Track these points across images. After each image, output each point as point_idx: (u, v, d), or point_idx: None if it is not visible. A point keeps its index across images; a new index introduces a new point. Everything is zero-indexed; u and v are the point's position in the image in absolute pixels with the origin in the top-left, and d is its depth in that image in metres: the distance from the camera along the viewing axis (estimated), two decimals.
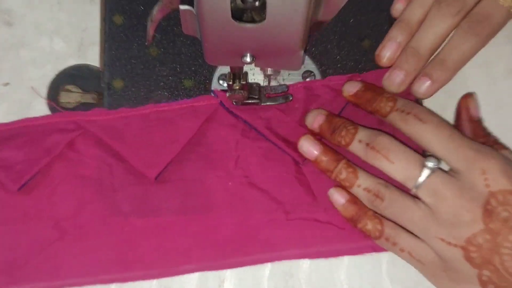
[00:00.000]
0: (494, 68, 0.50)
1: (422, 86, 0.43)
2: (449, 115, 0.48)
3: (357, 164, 0.43)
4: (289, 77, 0.48)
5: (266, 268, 0.44)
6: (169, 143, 0.45)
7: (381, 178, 0.42)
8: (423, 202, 0.40)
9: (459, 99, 0.45)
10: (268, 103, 0.47)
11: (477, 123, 0.44)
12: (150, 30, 0.39)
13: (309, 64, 0.48)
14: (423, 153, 0.43)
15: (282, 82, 0.48)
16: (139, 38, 0.48)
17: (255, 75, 0.48)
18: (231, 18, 0.32)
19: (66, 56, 0.49)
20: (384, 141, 0.41)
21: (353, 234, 0.43)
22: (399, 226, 0.42)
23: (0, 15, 0.49)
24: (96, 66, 0.48)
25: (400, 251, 0.41)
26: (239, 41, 0.35)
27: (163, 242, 0.43)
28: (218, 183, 0.45)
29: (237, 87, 0.43)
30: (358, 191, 0.42)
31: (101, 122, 0.45)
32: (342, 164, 0.43)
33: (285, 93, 0.47)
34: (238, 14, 0.33)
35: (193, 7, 0.34)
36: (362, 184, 0.42)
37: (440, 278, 0.40)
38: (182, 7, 0.34)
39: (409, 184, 0.40)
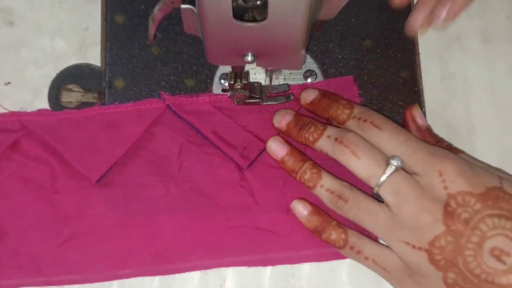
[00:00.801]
0: (496, 67, 0.50)
1: (443, 10, 0.42)
2: (450, 115, 0.49)
3: (325, 168, 0.43)
4: (291, 76, 0.48)
5: (268, 268, 0.44)
6: (112, 146, 0.44)
7: (345, 181, 0.42)
8: (386, 204, 0.39)
9: (404, 112, 0.46)
10: (269, 103, 0.47)
11: (427, 131, 0.45)
12: (152, 29, 0.39)
13: (310, 64, 0.48)
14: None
15: (283, 82, 0.48)
16: (141, 38, 0.48)
17: (257, 75, 0.48)
18: (232, 17, 0.32)
19: (67, 56, 0.49)
20: (353, 137, 0.41)
21: (294, 242, 0.43)
22: (363, 235, 0.42)
23: (1, 15, 0.49)
24: (97, 66, 0.48)
25: (365, 260, 0.41)
26: (241, 41, 0.35)
27: (104, 246, 0.43)
28: (161, 188, 0.44)
29: (239, 87, 0.43)
30: (321, 191, 0.42)
31: (45, 123, 0.45)
32: (307, 165, 0.43)
33: (286, 92, 0.47)
34: (239, 13, 0.33)
35: (194, 6, 0.34)
36: (325, 184, 0.42)
37: (406, 284, 0.40)
38: (183, 6, 0.34)
39: (372, 182, 0.39)
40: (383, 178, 0.39)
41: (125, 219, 0.44)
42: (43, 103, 0.47)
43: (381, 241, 0.42)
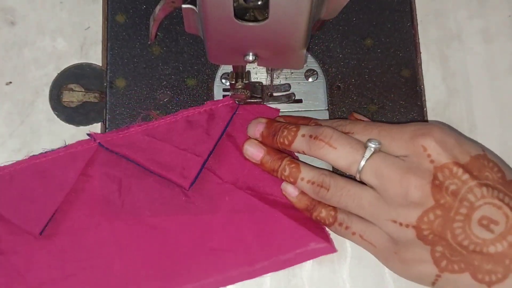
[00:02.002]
0: (497, 66, 0.50)
1: None
2: (451, 114, 0.49)
3: None
4: (292, 76, 0.48)
5: None
6: (49, 195, 0.43)
7: (326, 169, 0.42)
8: (370, 187, 0.39)
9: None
10: (270, 102, 0.47)
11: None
12: (153, 29, 0.39)
13: (311, 63, 0.48)
14: None
15: (284, 81, 0.48)
16: (142, 37, 0.48)
17: (258, 74, 0.48)
18: (233, 17, 0.32)
19: (68, 56, 0.49)
20: (327, 130, 0.40)
21: (251, 256, 0.43)
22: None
23: (2, 15, 0.49)
24: (98, 65, 0.49)
25: (352, 235, 0.41)
26: (242, 40, 0.35)
27: None
28: (106, 229, 0.43)
29: (240, 86, 0.43)
30: (302, 184, 0.42)
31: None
32: (285, 162, 0.43)
33: (287, 92, 0.47)
34: (240, 13, 0.33)
35: (195, 5, 0.34)
36: (306, 176, 0.42)
37: (392, 261, 0.40)
38: (184, 5, 0.34)
39: (353, 169, 0.39)
40: (363, 162, 0.39)
41: (75, 267, 0.43)
42: (44, 103, 0.48)
43: None
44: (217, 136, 0.45)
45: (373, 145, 0.39)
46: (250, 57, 0.36)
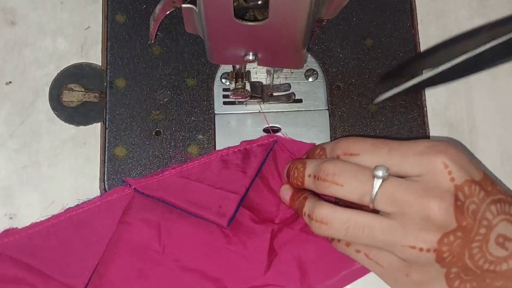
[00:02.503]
0: (497, 67, 0.50)
1: None
2: (452, 114, 0.49)
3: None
4: (292, 76, 0.48)
5: None
6: (89, 247, 0.43)
7: (325, 200, 0.40)
8: (384, 214, 0.37)
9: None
10: (270, 102, 0.47)
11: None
12: (153, 28, 0.39)
13: (312, 63, 0.48)
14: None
15: (284, 81, 0.48)
16: (142, 37, 0.48)
17: (258, 74, 0.48)
18: (233, 17, 0.32)
19: (69, 56, 0.49)
20: (329, 167, 0.38)
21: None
22: None
23: (3, 15, 0.49)
24: (98, 65, 0.49)
25: (356, 252, 0.39)
26: (242, 40, 0.35)
27: None
28: (149, 276, 0.43)
29: (240, 86, 0.43)
30: (306, 219, 0.40)
31: (14, 243, 0.43)
32: (310, 200, 0.40)
33: (287, 91, 0.47)
34: (240, 13, 0.33)
35: (195, 5, 0.34)
36: (306, 211, 0.40)
37: (402, 283, 0.38)
38: (184, 5, 0.34)
39: (366, 200, 0.37)
40: (374, 192, 0.36)
41: None
42: (45, 103, 0.48)
43: None
44: (253, 174, 0.44)
45: (381, 173, 0.36)
46: (250, 57, 0.36)
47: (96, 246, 0.43)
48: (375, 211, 0.38)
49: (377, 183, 0.36)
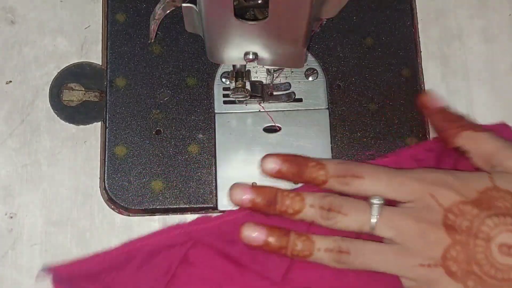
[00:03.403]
0: (497, 65, 0.50)
1: None
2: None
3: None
4: (292, 75, 0.48)
5: None
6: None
7: (335, 235, 0.41)
8: (388, 240, 0.40)
9: (417, 101, 0.46)
10: (270, 101, 0.47)
11: (444, 112, 0.45)
12: (153, 28, 0.39)
13: (312, 62, 0.48)
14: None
15: (284, 81, 0.48)
16: (142, 36, 0.48)
17: (258, 73, 0.48)
18: (233, 16, 0.32)
19: (69, 55, 0.49)
20: (334, 199, 0.40)
21: None
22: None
23: (3, 14, 0.49)
24: (98, 64, 0.49)
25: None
26: (242, 39, 0.35)
27: None
28: None
29: (240, 85, 0.43)
30: (320, 255, 0.40)
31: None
32: (293, 236, 0.40)
33: (287, 91, 0.47)
34: (240, 12, 0.33)
35: (195, 4, 0.34)
36: (321, 246, 0.40)
37: None
38: (184, 4, 0.34)
39: (366, 229, 0.40)
40: (373, 220, 0.39)
41: None
42: (45, 102, 0.48)
43: None
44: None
45: (378, 202, 0.39)
46: (250, 56, 0.36)
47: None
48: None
49: (375, 210, 0.40)
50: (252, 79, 0.47)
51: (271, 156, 0.42)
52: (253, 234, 0.41)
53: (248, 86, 0.43)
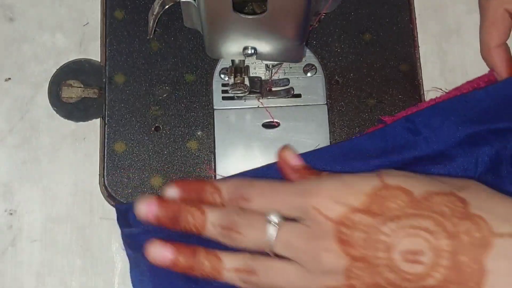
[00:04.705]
0: None
1: None
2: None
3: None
4: (291, 71, 0.48)
5: None
6: None
7: (244, 251, 0.38)
8: (289, 259, 0.37)
9: (277, 153, 0.41)
10: (269, 97, 0.47)
11: (303, 169, 0.40)
12: (151, 24, 0.39)
13: (310, 58, 0.48)
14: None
15: (283, 76, 0.48)
16: (140, 33, 0.48)
17: (257, 69, 0.48)
18: (232, 10, 0.33)
19: (67, 51, 0.49)
20: (234, 217, 0.38)
21: None
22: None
23: (2, 11, 0.49)
24: (97, 61, 0.49)
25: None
26: (241, 34, 0.35)
27: None
28: None
29: (239, 81, 0.43)
30: (230, 275, 0.38)
31: None
32: (201, 254, 0.38)
33: (286, 86, 0.47)
34: (239, 6, 0.33)
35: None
36: (230, 265, 0.38)
37: None
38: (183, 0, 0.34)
39: (266, 248, 0.37)
40: (271, 239, 0.36)
41: None
42: (44, 99, 0.48)
43: None
44: None
45: (274, 218, 0.36)
46: (249, 51, 0.36)
47: None
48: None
49: (272, 229, 0.36)
50: (251, 75, 0.47)
51: (171, 184, 0.40)
52: (160, 253, 0.38)
53: (246, 82, 0.43)
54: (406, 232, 0.34)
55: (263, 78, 0.47)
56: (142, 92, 0.47)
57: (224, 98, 0.48)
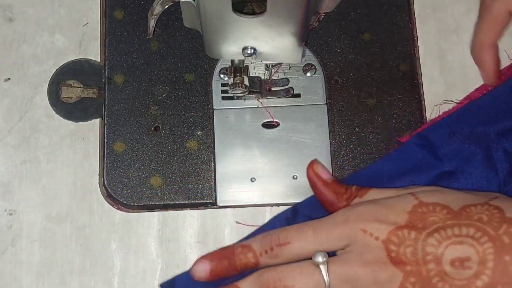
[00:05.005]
0: None
1: None
2: (450, 107, 0.49)
3: None
4: (290, 71, 0.48)
5: None
6: None
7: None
8: None
9: (307, 169, 0.43)
10: (269, 97, 0.47)
11: (333, 184, 0.42)
12: (151, 24, 0.39)
13: (310, 58, 0.48)
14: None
15: (283, 76, 0.48)
16: (140, 33, 0.48)
17: (256, 69, 0.48)
18: (232, 10, 0.33)
19: (67, 52, 0.49)
20: (271, 274, 0.38)
21: None
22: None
23: (1, 11, 0.49)
24: (97, 61, 0.49)
25: None
26: (240, 34, 0.35)
27: None
28: None
29: (238, 81, 0.43)
30: None
31: None
32: None
33: (286, 86, 0.48)
34: (238, 6, 0.33)
35: None
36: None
37: None
38: None
39: None
40: (326, 279, 0.36)
41: None
42: (43, 99, 0.48)
43: None
44: None
45: (321, 259, 0.37)
46: (249, 51, 0.36)
47: None
48: None
49: (323, 268, 0.37)
50: (251, 74, 0.47)
51: (199, 260, 0.40)
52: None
53: (246, 82, 0.43)
54: (451, 241, 0.35)
55: (262, 78, 0.47)
56: (141, 92, 0.47)
57: (223, 98, 0.48)
